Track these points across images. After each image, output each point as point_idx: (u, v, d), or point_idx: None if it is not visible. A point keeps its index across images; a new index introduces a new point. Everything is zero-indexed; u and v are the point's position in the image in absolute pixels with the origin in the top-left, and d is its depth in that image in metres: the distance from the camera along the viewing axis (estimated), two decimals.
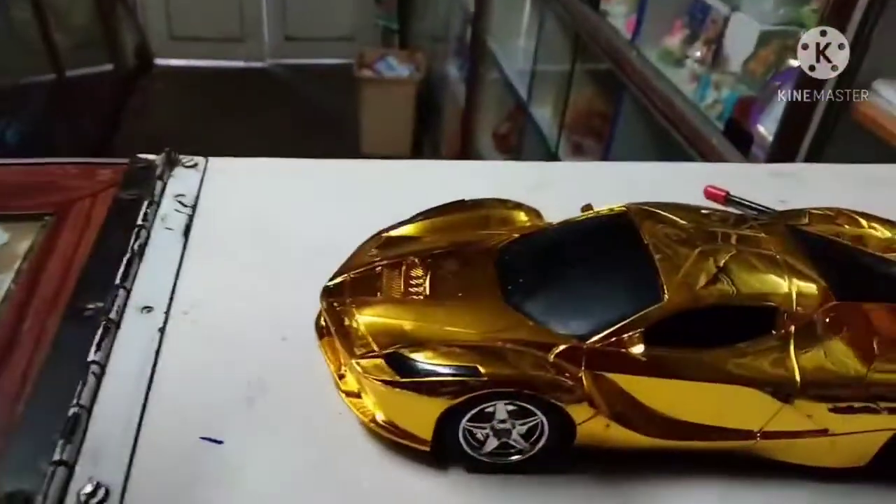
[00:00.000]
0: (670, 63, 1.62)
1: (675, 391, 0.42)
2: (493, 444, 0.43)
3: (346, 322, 0.45)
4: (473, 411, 0.41)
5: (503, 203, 0.56)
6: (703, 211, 0.50)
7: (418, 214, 0.55)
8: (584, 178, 0.75)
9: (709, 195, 0.70)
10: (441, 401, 0.41)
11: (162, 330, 0.52)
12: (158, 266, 0.57)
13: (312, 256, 0.59)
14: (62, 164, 0.67)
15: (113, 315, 0.51)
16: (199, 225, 0.62)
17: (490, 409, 0.41)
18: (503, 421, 0.42)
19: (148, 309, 0.53)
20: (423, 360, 0.42)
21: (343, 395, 0.46)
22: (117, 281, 0.54)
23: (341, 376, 0.46)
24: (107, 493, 0.41)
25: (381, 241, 0.53)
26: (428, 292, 0.46)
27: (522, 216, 0.55)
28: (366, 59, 3.04)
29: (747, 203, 0.68)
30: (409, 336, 0.44)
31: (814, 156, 1.14)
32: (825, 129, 1.11)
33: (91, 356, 0.48)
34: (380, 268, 0.49)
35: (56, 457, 0.42)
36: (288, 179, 0.69)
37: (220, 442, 0.45)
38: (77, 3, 3.21)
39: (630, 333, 0.41)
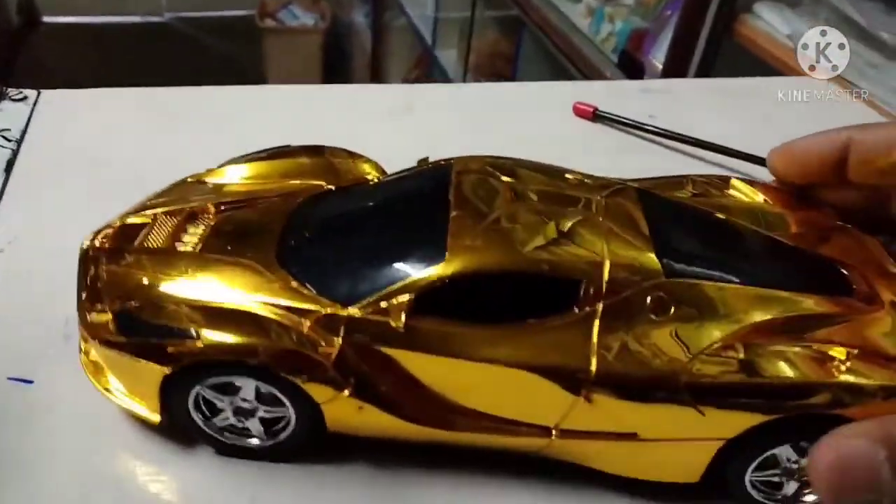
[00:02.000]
0: None
1: (446, 372, 0.35)
2: (227, 420, 0.37)
3: (92, 271, 0.39)
4: (199, 386, 0.36)
5: (341, 152, 0.48)
6: (549, 170, 0.42)
7: (240, 157, 0.48)
8: (450, 101, 0.72)
9: (577, 111, 0.68)
10: (154, 368, 0.35)
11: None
12: None
13: (146, 190, 0.55)
14: None
15: None
16: (23, 160, 0.56)
17: (223, 382, 0.36)
18: (245, 399, 0.37)
19: None
20: (148, 318, 0.36)
21: (83, 358, 0.40)
22: None
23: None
24: None
25: (184, 185, 0.46)
26: (200, 245, 0.39)
27: (364, 167, 0.47)
28: (268, 7, 2.91)
29: (615, 117, 0.67)
30: (148, 292, 0.37)
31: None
32: (709, 53, 1.12)
33: None
34: (158, 214, 0.42)
35: None
36: (130, 110, 0.64)
37: (30, 382, 0.41)
38: None
39: (398, 300, 0.35)
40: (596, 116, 0.68)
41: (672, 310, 0.35)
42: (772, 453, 0.36)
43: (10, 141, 0.58)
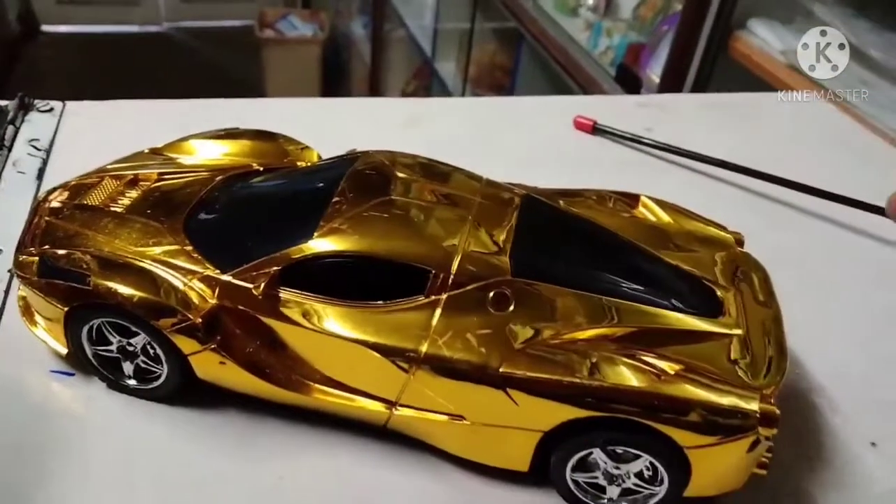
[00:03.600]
0: (565, 12, 1.63)
1: (300, 340, 0.39)
2: (123, 362, 0.42)
3: (35, 221, 0.44)
4: (90, 324, 0.40)
5: (289, 139, 0.52)
6: (448, 172, 0.45)
7: (198, 134, 0.52)
8: (456, 113, 0.75)
9: (578, 125, 0.71)
10: (54, 306, 0.40)
11: (12, 271, 0.49)
12: (9, 209, 0.55)
13: None
14: None
15: None
16: (53, 168, 0.59)
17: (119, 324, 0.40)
18: (131, 345, 0.41)
19: None
20: (60, 263, 0.40)
21: (18, 296, 0.45)
22: None
23: None
24: None
25: (141, 154, 0.50)
26: (125, 207, 0.44)
27: (306, 155, 0.51)
28: (267, 18, 2.95)
29: (614, 131, 0.70)
30: (68, 242, 0.42)
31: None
32: (705, 68, 1.15)
33: None
34: (106, 177, 0.47)
35: None
36: (150, 120, 0.66)
37: (71, 374, 0.44)
38: None
39: (264, 270, 0.39)
40: (595, 130, 0.71)
41: (511, 306, 0.38)
42: (589, 454, 0.37)
43: (39, 150, 0.60)
